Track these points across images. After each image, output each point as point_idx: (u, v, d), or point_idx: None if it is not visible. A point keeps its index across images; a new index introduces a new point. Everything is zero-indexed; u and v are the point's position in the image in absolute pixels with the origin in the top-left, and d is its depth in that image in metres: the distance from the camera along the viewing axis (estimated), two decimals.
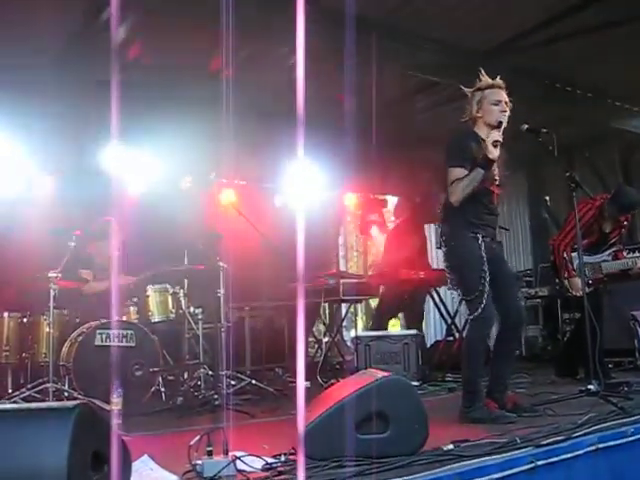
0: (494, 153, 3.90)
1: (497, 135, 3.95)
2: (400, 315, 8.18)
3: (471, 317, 4.00)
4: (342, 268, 9.82)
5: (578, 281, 5.42)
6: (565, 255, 5.66)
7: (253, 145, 7.53)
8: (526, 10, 5.89)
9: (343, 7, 2.93)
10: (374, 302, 12.12)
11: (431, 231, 9.09)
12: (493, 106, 4.06)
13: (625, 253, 5.81)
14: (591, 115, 7.97)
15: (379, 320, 7.75)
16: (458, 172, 4.00)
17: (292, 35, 1.38)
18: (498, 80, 4.11)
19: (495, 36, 6.45)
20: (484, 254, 3.97)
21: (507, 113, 4.05)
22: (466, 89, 4.20)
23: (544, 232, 9.57)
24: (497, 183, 4.10)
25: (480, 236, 4.01)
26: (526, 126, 4.28)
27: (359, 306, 7.78)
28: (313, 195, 8.87)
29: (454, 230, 4.11)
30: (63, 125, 6.78)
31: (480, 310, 3.90)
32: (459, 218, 4.07)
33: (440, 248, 4.28)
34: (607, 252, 5.68)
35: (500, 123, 4.01)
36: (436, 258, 9.11)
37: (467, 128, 4.17)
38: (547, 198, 6.71)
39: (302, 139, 1.36)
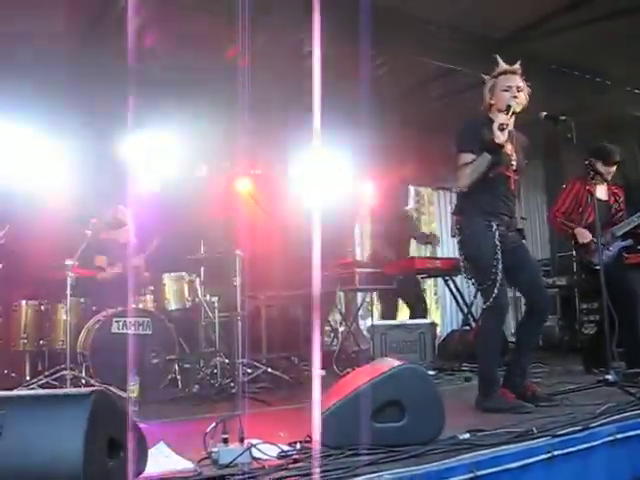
0: (500, 137, 3.85)
1: (504, 118, 3.90)
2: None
3: (484, 306, 3.98)
4: (358, 257, 9.79)
5: (582, 230, 5.53)
6: (562, 220, 5.75)
7: (269, 133, 7.52)
8: None
9: None
10: None
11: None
12: (504, 92, 4.01)
13: None
14: (609, 103, 7.89)
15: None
16: (466, 157, 3.98)
17: (308, 23, 1.37)
18: (513, 66, 4.05)
19: (512, 23, 6.39)
20: (498, 243, 3.93)
21: (519, 99, 3.99)
22: (485, 76, 4.16)
23: None
24: (514, 168, 4.06)
25: (494, 224, 3.97)
26: (544, 113, 4.22)
27: (375, 295, 7.74)
28: (329, 183, 8.85)
29: (468, 219, 4.08)
30: (80, 114, 6.80)
31: (493, 299, 3.88)
32: (473, 206, 4.04)
33: (454, 237, 4.24)
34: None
35: (509, 107, 3.95)
36: (452, 246, 9.09)
37: (482, 115, 4.14)
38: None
39: (319, 127, 1.35)
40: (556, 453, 2.71)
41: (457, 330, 7.80)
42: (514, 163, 4.05)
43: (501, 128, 3.86)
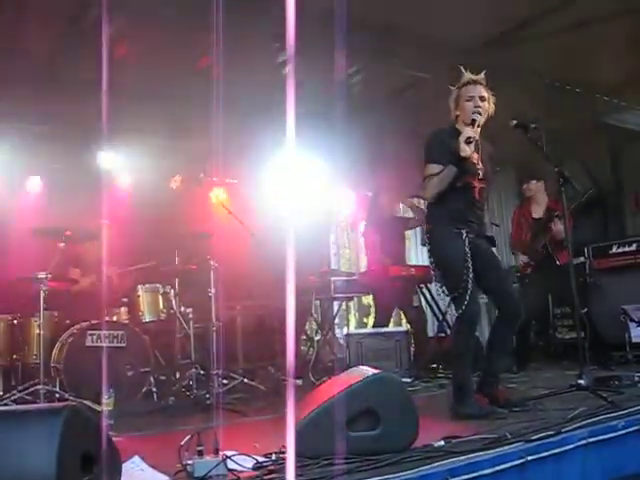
0: (466, 150, 3.88)
1: (470, 132, 3.93)
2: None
3: (457, 314, 4.00)
4: (334, 266, 9.81)
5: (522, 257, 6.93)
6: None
7: (243, 143, 7.51)
8: (514, 6, 5.89)
9: (332, 4, 2.91)
10: (367, 299, 12.12)
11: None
12: (467, 102, 4.04)
13: None
14: (580, 110, 7.98)
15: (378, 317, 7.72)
16: (432, 168, 4.01)
17: (282, 32, 1.38)
18: (476, 76, 4.08)
19: (483, 32, 6.45)
20: (468, 251, 3.95)
21: (481, 109, 4.01)
22: (451, 87, 4.19)
23: None
24: (481, 177, 4.08)
25: (464, 232, 4.00)
26: (515, 122, 4.27)
27: (351, 303, 7.75)
28: (304, 193, 8.86)
29: (437, 227, 4.10)
30: (52, 125, 6.76)
31: (464, 307, 3.90)
32: (442, 215, 4.07)
33: (425, 245, 4.27)
34: None
35: (474, 121, 3.99)
36: (421, 255, 9.16)
37: (449, 125, 4.17)
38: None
39: (293, 137, 1.36)
40: (529, 458, 2.74)
41: (432, 337, 7.83)
42: (480, 172, 4.08)
43: (467, 142, 3.90)
